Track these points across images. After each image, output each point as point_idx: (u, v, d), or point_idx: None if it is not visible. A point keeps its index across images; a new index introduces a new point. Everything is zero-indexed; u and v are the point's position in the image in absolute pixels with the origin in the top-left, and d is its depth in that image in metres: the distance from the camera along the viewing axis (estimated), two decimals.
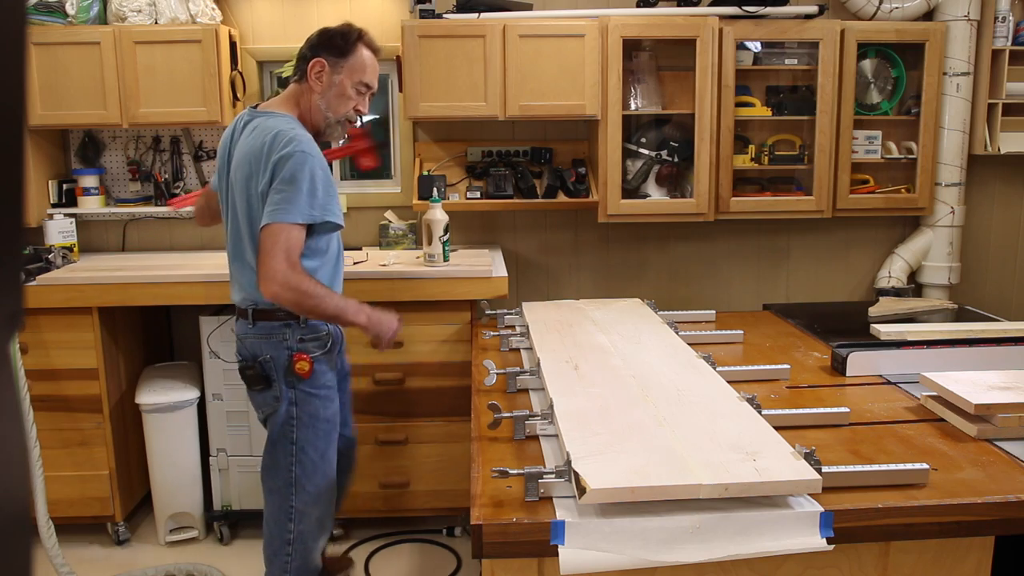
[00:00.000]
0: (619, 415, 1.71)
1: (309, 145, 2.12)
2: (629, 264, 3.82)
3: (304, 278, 2.06)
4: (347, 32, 2.27)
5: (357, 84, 2.26)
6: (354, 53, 2.25)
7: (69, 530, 3.17)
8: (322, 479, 2.27)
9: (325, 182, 2.11)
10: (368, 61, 2.28)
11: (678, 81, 3.48)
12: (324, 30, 2.28)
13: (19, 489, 0.44)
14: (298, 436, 2.24)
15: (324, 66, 2.23)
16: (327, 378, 2.26)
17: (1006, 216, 3.86)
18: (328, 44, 2.24)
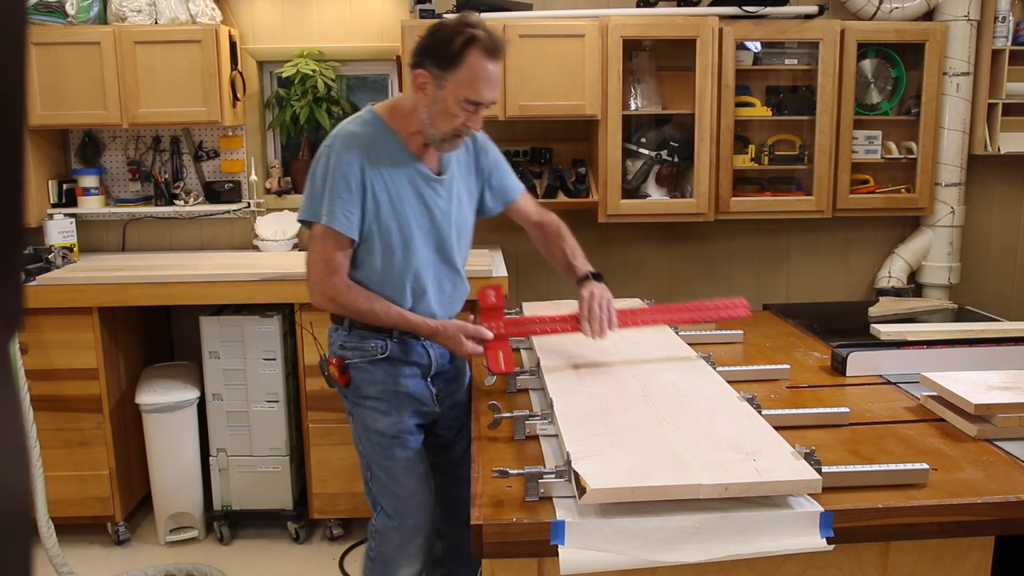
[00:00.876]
0: (619, 415, 1.71)
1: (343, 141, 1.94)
2: (629, 264, 3.82)
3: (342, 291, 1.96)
4: (452, 37, 1.85)
5: (462, 102, 1.88)
6: (460, 65, 1.86)
7: (69, 530, 3.17)
8: (398, 500, 2.09)
9: (333, 179, 1.91)
10: (478, 73, 1.86)
11: (678, 81, 3.48)
12: (432, 30, 1.91)
13: (19, 489, 0.44)
14: (363, 449, 2.12)
15: (428, 79, 1.88)
16: (375, 389, 2.06)
17: (1006, 216, 3.86)
18: (432, 52, 1.88)
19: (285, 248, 3.63)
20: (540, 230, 2.27)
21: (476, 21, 1.88)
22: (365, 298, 1.97)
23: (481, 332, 1.98)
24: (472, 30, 1.85)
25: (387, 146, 1.96)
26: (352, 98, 3.81)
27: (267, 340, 3.13)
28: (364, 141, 1.94)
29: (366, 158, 1.93)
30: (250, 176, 3.68)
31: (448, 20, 1.91)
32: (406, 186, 1.98)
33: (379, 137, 1.96)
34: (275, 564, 3.14)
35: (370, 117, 1.99)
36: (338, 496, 3.18)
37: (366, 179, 1.93)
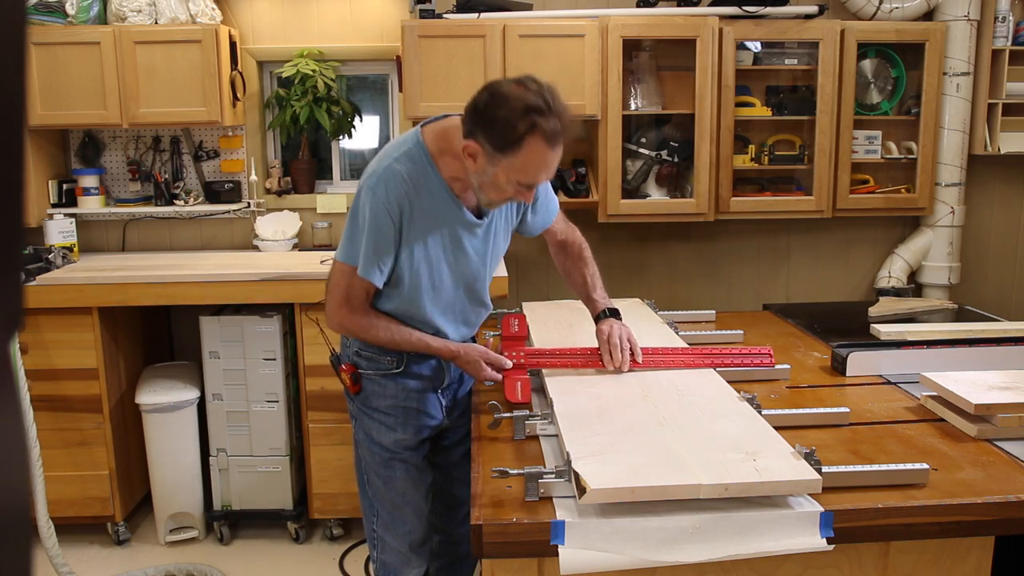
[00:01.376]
0: (619, 415, 1.71)
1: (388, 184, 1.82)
2: (629, 264, 3.82)
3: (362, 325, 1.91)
4: (514, 122, 1.67)
5: (515, 183, 1.76)
6: (517, 151, 1.70)
7: (69, 530, 3.17)
8: (395, 509, 2.06)
9: (373, 228, 1.82)
10: (536, 161, 1.72)
11: (678, 81, 3.48)
12: (491, 102, 1.70)
13: (19, 489, 0.44)
14: (362, 455, 2.09)
15: (479, 152, 1.73)
16: (385, 402, 2.02)
17: (1006, 216, 3.86)
18: (487, 129, 1.70)
19: (285, 248, 3.63)
20: (563, 248, 2.21)
21: (541, 102, 1.68)
22: (384, 329, 1.92)
23: (502, 361, 1.94)
24: (536, 118, 1.67)
25: (430, 188, 1.85)
26: (352, 98, 3.81)
27: (267, 340, 3.13)
28: (408, 185, 1.82)
29: (407, 203, 1.83)
30: (250, 176, 3.68)
31: (509, 94, 1.69)
32: (444, 232, 1.90)
33: (423, 178, 1.84)
34: (275, 564, 3.14)
35: (418, 152, 1.85)
36: (338, 496, 3.18)
37: (404, 225, 1.84)
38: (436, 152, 1.85)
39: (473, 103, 1.74)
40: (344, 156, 3.90)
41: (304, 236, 3.73)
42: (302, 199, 3.75)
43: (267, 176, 3.77)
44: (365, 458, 2.08)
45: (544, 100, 1.68)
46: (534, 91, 1.69)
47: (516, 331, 2.06)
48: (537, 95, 1.68)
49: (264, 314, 3.14)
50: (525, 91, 1.69)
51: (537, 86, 1.70)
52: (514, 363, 1.95)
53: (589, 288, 2.15)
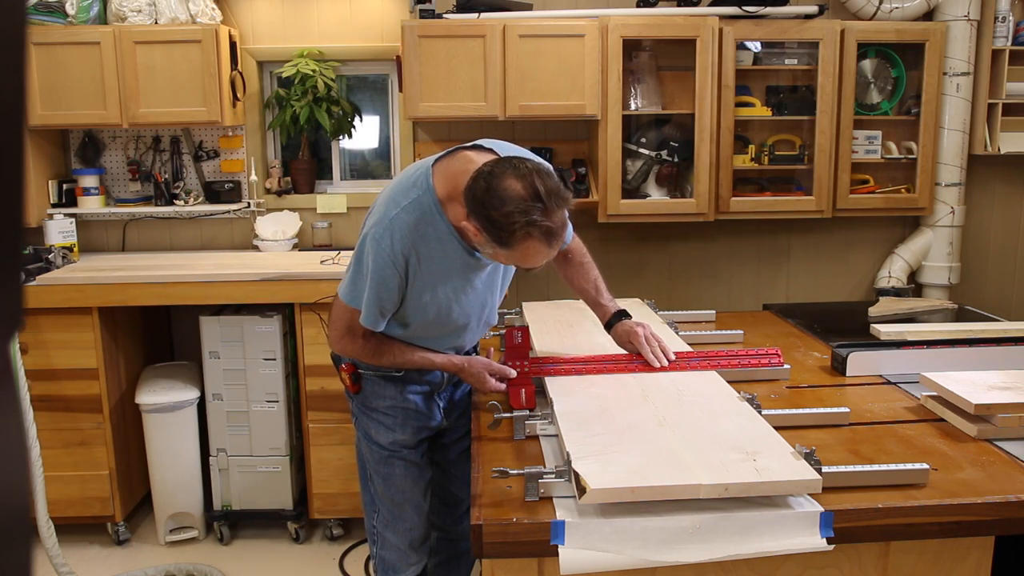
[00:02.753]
0: (619, 415, 1.71)
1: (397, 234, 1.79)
2: (629, 264, 3.82)
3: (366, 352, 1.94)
4: (511, 227, 1.64)
5: (513, 264, 1.83)
6: (514, 247, 1.69)
7: (69, 530, 3.17)
8: (394, 506, 2.09)
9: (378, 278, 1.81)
10: (533, 256, 1.71)
11: (678, 81, 3.48)
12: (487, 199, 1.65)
13: (19, 489, 0.44)
14: (362, 452, 2.12)
15: (479, 235, 1.72)
16: (385, 403, 2.04)
17: (1006, 216, 3.86)
18: (484, 224, 1.68)
19: (285, 248, 3.63)
20: (565, 258, 2.18)
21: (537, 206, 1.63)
22: (387, 355, 1.95)
23: (506, 371, 1.94)
24: (531, 228, 1.64)
25: (439, 236, 1.82)
26: (352, 98, 3.81)
27: (267, 340, 3.13)
28: (414, 235, 1.80)
29: (414, 253, 1.81)
30: (250, 176, 3.68)
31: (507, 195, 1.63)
32: (452, 276, 1.89)
33: (431, 227, 1.81)
34: (275, 564, 3.14)
35: (427, 200, 1.80)
36: (338, 496, 3.18)
37: (410, 274, 1.83)
38: (445, 198, 1.80)
39: (471, 190, 1.68)
40: (344, 156, 3.90)
41: (304, 236, 3.73)
42: (302, 199, 3.75)
43: (267, 176, 3.77)
44: (365, 456, 2.11)
45: (541, 200, 1.63)
46: (531, 190, 1.63)
47: (519, 343, 2.06)
48: (534, 195, 1.63)
49: (264, 314, 3.14)
50: (523, 188, 1.63)
51: (535, 181, 1.64)
52: (518, 372, 1.95)
53: (596, 293, 2.16)
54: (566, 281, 2.22)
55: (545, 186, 1.65)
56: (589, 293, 2.17)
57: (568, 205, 1.70)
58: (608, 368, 2.02)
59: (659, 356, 2.02)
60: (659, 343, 2.05)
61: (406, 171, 1.92)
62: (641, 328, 2.05)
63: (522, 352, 2.04)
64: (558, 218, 1.68)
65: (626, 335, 2.07)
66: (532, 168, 1.67)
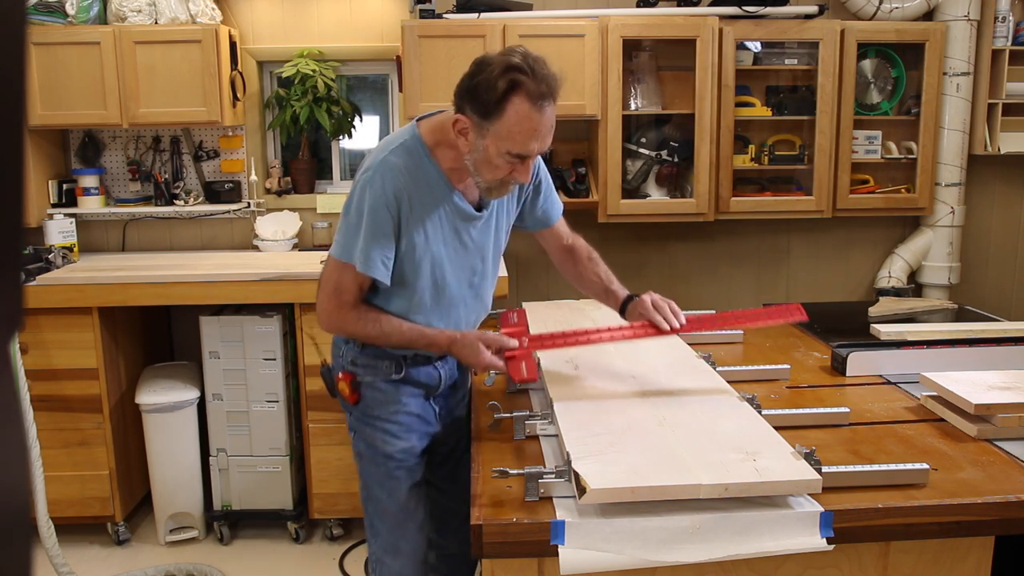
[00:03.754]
0: (619, 415, 1.71)
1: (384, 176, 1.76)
2: (629, 264, 3.82)
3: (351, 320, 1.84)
4: (494, 82, 1.66)
5: (506, 154, 1.72)
6: (501, 114, 1.67)
7: (69, 530, 3.17)
8: (397, 526, 1.97)
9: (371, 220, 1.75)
10: (522, 123, 1.69)
11: (678, 81, 3.48)
12: (473, 70, 1.72)
13: (19, 489, 0.44)
14: (362, 468, 1.99)
15: (468, 125, 1.71)
16: (389, 410, 1.93)
17: (1006, 216, 3.86)
18: (472, 96, 1.69)
19: (285, 248, 3.63)
20: (569, 255, 2.14)
21: (522, 63, 1.66)
22: (374, 323, 1.84)
23: (502, 341, 1.82)
24: (515, 75, 1.64)
25: (428, 180, 1.79)
26: (352, 98, 3.81)
27: (267, 340, 3.13)
28: (404, 176, 1.76)
29: (405, 196, 1.76)
30: (250, 176, 3.68)
31: (491, 59, 1.69)
32: (445, 225, 1.83)
33: (420, 170, 1.78)
34: (275, 564, 3.14)
35: (414, 143, 1.80)
36: (338, 496, 3.18)
37: (403, 219, 1.77)
38: (433, 144, 1.80)
39: (461, 78, 1.75)
40: (344, 156, 3.90)
41: (304, 236, 3.73)
42: (302, 199, 3.75)
43: (267, 176, 3.77)
44: (367, 470, 1.99)
45: (526, 63, 1.67)
46: (512, 54, 1.69)
47: (515, 323, 2.03)
48: (519, 57, 1.67)
49: (264, 314, 3.14)
50: (507, 55, 1.69)
51: (521, 52, 1.70)
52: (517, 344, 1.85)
53: (607, 282, 2.11)
54: (574, 280, 2.15)
55: (532, 56, 1.70)
56: (600, 283, 2.11)
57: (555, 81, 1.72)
58: (615, 336, 1.90)
59: (669, 319, 1.91)
60: (669, 305, 1.94)
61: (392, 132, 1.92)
62: (648, 295, 1.97)
63: (520, 331, 1.96)
64: (544, 82, 1.68)
65: (635, 309, 1.99)
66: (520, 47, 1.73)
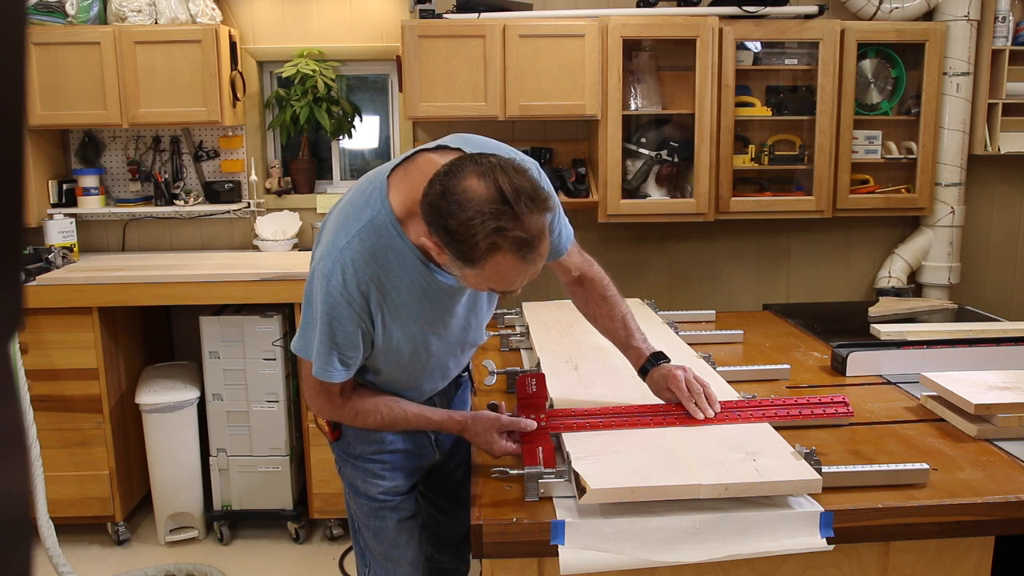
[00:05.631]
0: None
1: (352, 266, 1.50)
2: (629, 264, 3.82)
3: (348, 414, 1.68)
4: (474, 239, 1.34)
5: (487, 288, 1.50)
6: (483, 266, 1.38)
7: (69, 530, 3.17)
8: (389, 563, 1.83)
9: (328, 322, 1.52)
10: (507, 272, 1.40)
11: (678, 81, 3.48)
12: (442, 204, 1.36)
13: (19, 489, 0.44)
14: (349, 504, 1.87)
15: (442, 252, 1.42)
16: (370, 448, 1.76)
17: (1006, 216, 3.86)
18: (445, 240, 1.38)
19: (285, 248, 3.63)
20: (581, 285, 1.90)
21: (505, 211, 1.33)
22: (374, 414, 1.67)
23: (520, 424, 1.64)
24: (498, 237, 1.34)
25: (401, 261, 1.52)
26: (352, 98, 3.81)
27: (267, 340, 3.13)
28: (372, 265, 1.50)
29: (374, 287, 1.52)
30: (250, 176, 3.68)
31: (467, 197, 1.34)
32: (425, 306, 1.59)
33: (392, 251, 1.51)
34: (275, 564, 3.14)
35: (383, 219, 1.51)
36: (338, 496, 3.18)
37: (373, 310, 1.54)
38: (404, 215, 1.51)
39: (427, 197, 1.39)
40: (344, 156, 3.90)
41: (304, 236, 3.73)
42: (302, 199, 3.75)
43: (267, 176, 3.77)
44: (355, 513, 1.85)
45: (507, 203, 1.34)
46: (495, 189, 1.34)
47: (534, 392, 1.79)
48: (498, 196, 1.34)
49: (264, 314, 3.14)
50: (484, 189, 1.34)
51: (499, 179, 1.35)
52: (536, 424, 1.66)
53: (627, 334, 1.83)
54: (588, 318, 1.92)
55: (512, 184, 1.35)
56: (618, 334, 1.84)
57: (547, 208, 1.38)
58: (642, 422, 1.66)
59: (704, 407, 1.68)
60: (704, 389, 1.70)
61: (359, 184, 1.61)
62: (682, 372, 1.72)
63: (538, 403, 1.77)
64: (532, 225, 1.36)
65: (664, 380, 1.73)
66: (496, 163, 1.38)
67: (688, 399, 1.68)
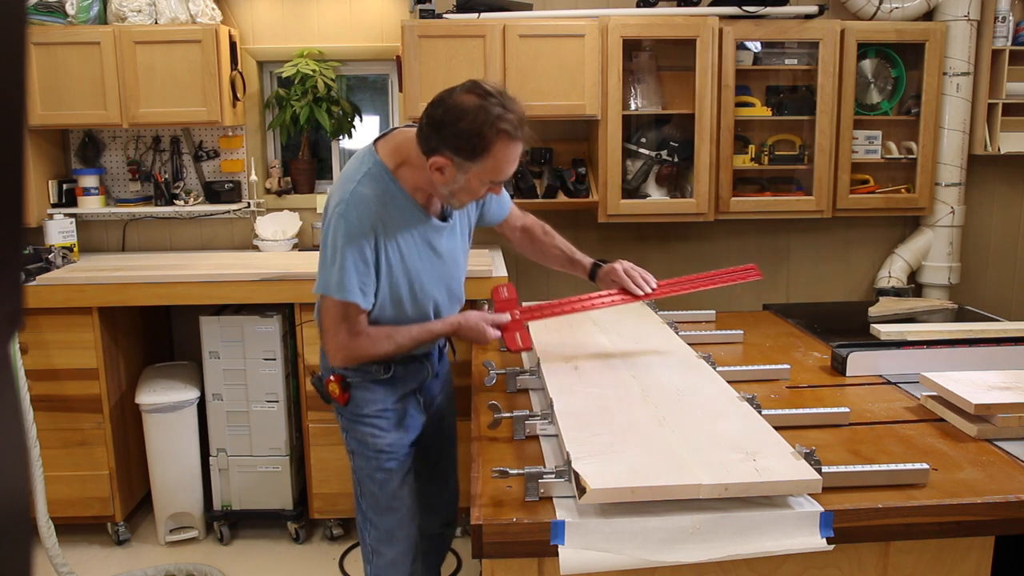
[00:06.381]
0: (619, 415, 1.71)
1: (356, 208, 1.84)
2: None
3: (366, 346, 1.93)
4: (481, 131, 1.74)
5: (488, 182, 1.84)
6: (487, 155, 1.77)
7: (69, 530, 3.17)
8: (391, 515, 2.08)
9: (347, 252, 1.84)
10: (506, 157, 1.79)
11: (678, 81, 3.48)
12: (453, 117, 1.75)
13: (19, 489, 0.44)
14: (355, 465, 2.10)
15: (447, 165, 1.78)
16: (376, 407, 2.05)
17: (1006, 216, 3.86)
18: (456, 143, 1.75)
19: (285, 248, 3.63)
20: (525, 233, 2.29)
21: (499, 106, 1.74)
22: (387, 340, 1.94)
23: (500, 318, 2.04)
24: (501, 124, 1.74)
25: (396, 203, 1.88)
26: (352, 98, 3.81)
27: (267, 340, 3.13)
28: (375, 206, 1.85)
29: (380, 223, 1.85)
30: (250, 176, 3.68)
31: (467, 106, 1.74)
32: (417, 241, 1.93)
33: (388, 195, 1.87)
34: (275, 564, 3.14)
35: (378, 171, 1.88)
36: (338, 496, 3.18)
37: (379, 246, 1.87)
38: (394, 167, 1.89)
39: (429, 119, 1.78)
40: (344, 156, 3.90)
41: (304, 236, 3.73)
42: (302, 199, 3.75)
43: (267, 176, 3.77)
44: (360, 465, 2.08)
45: (495, 97, 1.76)
46: (483, 92, 1.76)
47: (507, 296, 2.20)
48: (494, 100, 1.75)
49: (264, 314, 3.14)
50: (476, 97, 1.75)
51: (482, 86, 1.77)
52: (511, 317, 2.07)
53: (569, 252, 2.27)
54: (536, 255, 2.32)
55: (491, 87, 1.78)
56: (563, 255, 2.27)
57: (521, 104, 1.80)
58: (596, 304, 2.14)
59: (641, 285, 2.13)
60: (639, 273, 2.16)
61: (353, 157, 2.00)
62: (620, 264, 2.17)
63: (511, 303, 2.16)
64: (518, 109, 1.78)
65: (608, 275, 2.18)
66: (473, 81, 1.80)
67: (628, 282, 2.14)
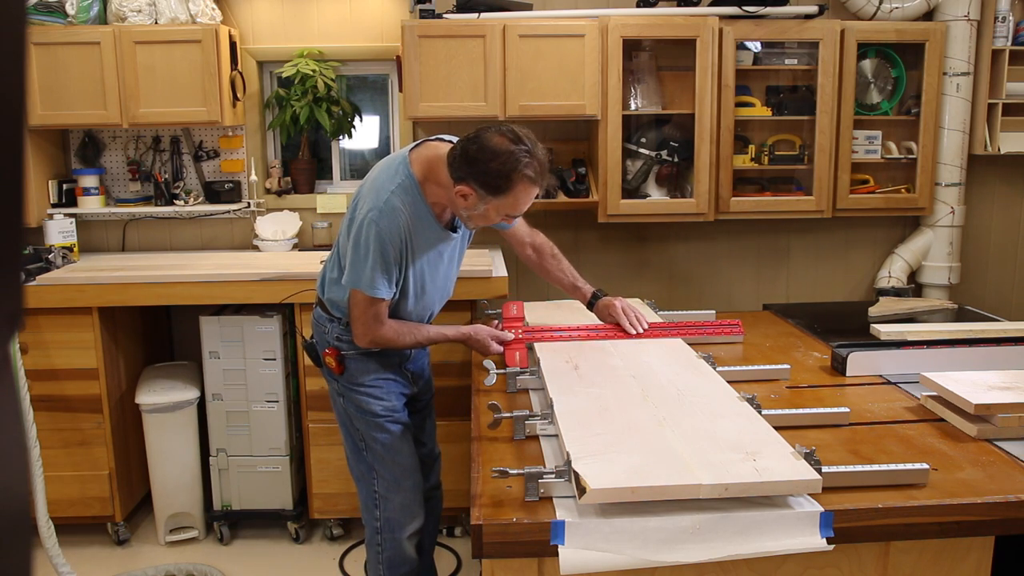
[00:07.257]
0: (619, 415, 1.71)
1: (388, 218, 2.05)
2: (629, 264, 3.82)
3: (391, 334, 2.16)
4: (508, 172, 1.95)
5: (504, 215, 2.10)
6: (509, 193, 2.00)
7: (69, 530, 3.17)
8: (396, 467, 2.29)
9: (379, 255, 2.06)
10: (525, 196, 2.03)
11: (678, 81, 3.48)
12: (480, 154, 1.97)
13: (19, 489, 0.44)
14: (357, 427, 2.30)
15: (472, 195, 2.00)
16: (370, 378, 2.26)
17: (1006, 216, 3.86)
18: (484, 179, 1.97)
19: (285, 248, 3.63)
20: (535, 251, 2.50)
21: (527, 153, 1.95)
22: (409, 335, 2.20)
23: (504, 336, 2.30)
24: (526, 171, 1.96)
25: (420, 216, 2.11)
26: (352, 98, 3.81)
27: (267, 340, 3.13)
28: (405, 215, 2.07)
29: (408, 232, 2.08)
30: (250, 176, 3.68)
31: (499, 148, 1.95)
32: (431, 248, 2.18)
33: (415, 207, 2.10)
34: (275, 564, 3.14)
35: (410, 184, 2.09)
36: (338, 496, 3.18)
37: (405, 250, 2.10)
38: (423, 181, 2.11)
39: (464, 152, 1.99)
40: (344, 156, 3.90)
41: (304, 236, 3.73)
42: (302, 199, 3.75)
43: (267, 176, 3.77)
44: (359, 428, 2.29)
45: (524, 144, 1.97)
46: (519, 142, 1.96)
47: (515, 314, 2.49)
48: (518, 141, 1.96)
49: (264, 314, 3.14)
50: (508, 141, 1.96)
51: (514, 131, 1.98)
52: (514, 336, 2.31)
53: (572, 279, 2.51)
54: (541, 274, 2.54)
55: (521, 133, 1.99)
56: (566, 280, 2.51)
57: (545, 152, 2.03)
58: (591, 336, 2.35)
59: (635, 324, 2.37)
60: (635, 313, 2.40)
61: (385, 162, 2.20)
62: (618, 301, 2.43)
63: (518, 321, 2.43)
64: (542, 156, 2.00)
65: (606, 308, 2.44)
66: (507, 126, 2.02)
67: (624, 319, 2.38)
